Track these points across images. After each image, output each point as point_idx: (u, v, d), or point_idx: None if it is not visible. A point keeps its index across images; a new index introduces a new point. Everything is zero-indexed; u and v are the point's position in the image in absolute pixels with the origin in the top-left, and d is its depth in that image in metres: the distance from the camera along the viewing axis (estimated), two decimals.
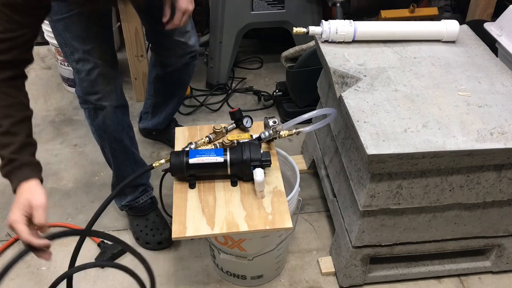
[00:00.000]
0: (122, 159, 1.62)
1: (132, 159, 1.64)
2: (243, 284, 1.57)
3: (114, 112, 1.50)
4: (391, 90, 1.35)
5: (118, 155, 1.61)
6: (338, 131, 1.53)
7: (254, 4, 2.26)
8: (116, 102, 1.49)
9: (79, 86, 1.47)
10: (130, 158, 1.63)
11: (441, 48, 1.54)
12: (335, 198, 1.59)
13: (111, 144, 1.57)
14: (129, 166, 1.64)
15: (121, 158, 1.62)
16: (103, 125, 1.51)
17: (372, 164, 1.20)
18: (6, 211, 1.83)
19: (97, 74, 1.43)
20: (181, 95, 1.94)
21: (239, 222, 1.23)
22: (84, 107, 1.52)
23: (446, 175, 1.27)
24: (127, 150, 1.61)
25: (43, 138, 2.18)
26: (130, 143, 1.62)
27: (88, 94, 1.46)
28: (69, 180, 1.97)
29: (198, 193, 1.31)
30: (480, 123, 1.25)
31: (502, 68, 1.47)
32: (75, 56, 1.42)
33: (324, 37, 1.52)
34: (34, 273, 1.61)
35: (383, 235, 1.41)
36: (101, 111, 1.48)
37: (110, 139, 1.56)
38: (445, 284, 1.58)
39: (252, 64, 2.71)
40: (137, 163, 1.66)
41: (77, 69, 1.44)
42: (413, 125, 1.24)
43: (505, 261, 1.57)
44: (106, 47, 1.45)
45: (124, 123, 1.57)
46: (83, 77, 1.43)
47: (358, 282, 1.54)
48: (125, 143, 1.58)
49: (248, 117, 1.47)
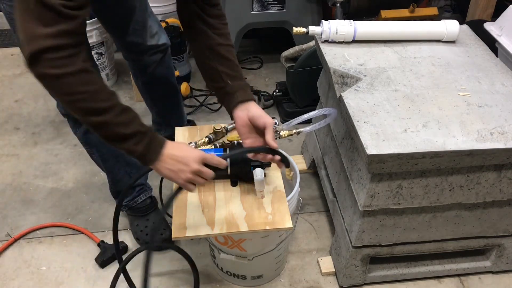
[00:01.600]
0: (113, 162, 1.60)
1: (123, 161, 1.61)
2: (243, 284, 1.57)
3: None
4: (391, 90, 1.35)
5: (108, 159, 1.59)
6: (338, 131, 1.53)
7: (254, 4, 2.26)
8: None
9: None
10: (121, 161, 1.60)
11: (441, 48, 1.54)
12: (335, 198, 1.59)
13: (98, 149, 1.55)
14: (122, 169, 1.62)
15: (112, 161, 1.59)
16: (88, 133, 1.49)
17: (372, 164, 1.20)
18: (6, 211, 1.83)
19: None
20: (176, 93, 1.90)
21: (239, 222, 1.23)
22: (67, 117, 1.49)
23: (446, 175, 1.27)
24: (115, 152, 1.56)
25: (43, 138, 2.18)
26: None
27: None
28: (69, 180, 1.97)
29: (198, 193, 1.31)
30: (480, 123, 1.25)
31: (502, 68, 1.47)
32: None
33: (324, 37, 1.52)
34: (34, 273, 1.61)
35: (383, 235, 1.41)
36: None
37: (96, 144, 1.53)
38: (445, 284, 1.58)
39: (252, 64, 2.71)
40: (130, 165, 1.63)
41: None
42: (413, 125, 1.24)
43: (505, 261, 1.57)
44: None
45: None
46: None
47: (358, 282, 1.54)
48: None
49: None
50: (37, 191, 1.92)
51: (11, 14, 1.21)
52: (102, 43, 2.38)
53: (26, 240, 1.72)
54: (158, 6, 2.46)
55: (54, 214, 1.82)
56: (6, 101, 2.43)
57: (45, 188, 1.93)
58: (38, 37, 0.91)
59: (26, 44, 0.92)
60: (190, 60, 2.64)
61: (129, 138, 1.05)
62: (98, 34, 2.32)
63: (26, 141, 2.17)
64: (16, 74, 2.63)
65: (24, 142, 2.16)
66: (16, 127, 2.26)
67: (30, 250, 1.69)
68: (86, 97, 0.99)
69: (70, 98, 0.98)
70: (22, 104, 2.41)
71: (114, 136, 1.04)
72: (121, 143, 1.05)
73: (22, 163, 2.05)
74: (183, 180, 1.10)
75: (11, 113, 2.35)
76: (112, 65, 2.51)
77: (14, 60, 2.74)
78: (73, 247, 1.71)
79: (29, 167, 2.03)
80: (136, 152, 1.07)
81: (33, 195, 1.90)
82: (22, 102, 2.42)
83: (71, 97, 0.98)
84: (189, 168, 1.09)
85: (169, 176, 1.11)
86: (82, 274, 1.62)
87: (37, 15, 0.90)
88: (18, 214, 1.82)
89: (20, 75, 2.62)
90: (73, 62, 0.95)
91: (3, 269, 1.62)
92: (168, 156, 1.10)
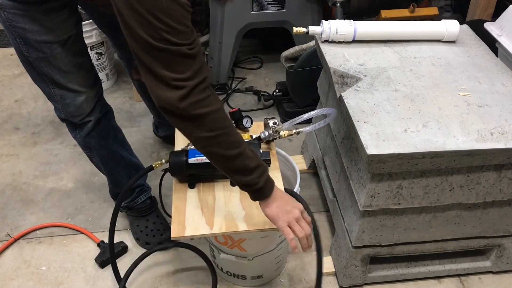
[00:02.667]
0: (113, 165, 1.60)
1: (123, 163, 1.61)
2: (243, 284, 1.57)
3: (98, 123, 1.47)
4: (391, 90, 1.35)
5: (108, 162, 1.59)
6: (338, 131, 1.53)
7: (254, 4, 2.26)
8: (100, 113, 1.47)
9: (62, 111, 1.43)
10: (121, 163, 1.61)
11: (441, 48, 1.54)
12: (335, 198, 1.59)
13: (98, 152, 1.55)
14: (122, 171, 1.62)
15: (112, 164, 1.60)
16: (87, 136, 1.49)
17: (372, 164, 1.19)
18: (6, 211, 1.83)
19: (84, 99, 1.40)
20: None
21: (238, 222, 1.23)
22: (66, 122, 1.49)
23: (446, 175, 1.27)
24: (115, 155, 1.58)
25: (43, 138, 2.18)
26: (120, 146, 1.59)
27: (73, 116, 1.44)
28: (69, 180, 1.97)
29: (197, 193, 1.31)
30: (480, 123, 1.25)
31: (502, 68, 1.47)
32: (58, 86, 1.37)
33: (324, 37, 1.51)
34: (34, 273, 1.61)
35: (383, 235, 1.41)
36: (86, 125, 1.46)
37: (96, 148, 1.53)
38: (445, 284, 1.58)
39: (252, 64, 2.71)
40: (130, 166, 1.63)
41: (61, 95, 1.39)
42: (413, 125, 1.23)
43: (505, 261, 1.57)
44: (90, 71, 1.42)
45: (109, 128, 1.54)
46: (69, 102, 1.40)
47: (358, 282, 1.54)
48: (112, 148, 1.56)
49: (248, 118, 1.47)
50: (37, 191, 1.92)
51: (12, 22, 1.22)
52: (102, 43, 2.37)
53: (26, 240, 1.72)
54: None
55: (54, 214, 1.82)
56: (6, 101, 2.43)
57: (45, 188, 1.93)
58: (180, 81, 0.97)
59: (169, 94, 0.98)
60: None
61: (254, 170, 1.10)
62: (98, 34, 2.32)
63: (26, 141, 2.16)
64: (16, 74, 2.63)
65: (24, 142, 2.16)
66: (16, 127, 2.26)
67: (30, 250, 1.69)
68: (227, 132, 1.05)
69: (214, 133, 1.04)
70: (22, 104, 2.41)
71: (243, 167, 1.09)
72: (246, 175, 1.10)
73: (22, 163, 2.05)
74: (287, 222, 1.14)
75: (11, 113, 2.35)
76: (112, 65, 2.51)
77: (14, 60, 2.74)
78: (73, 247, 1.71)
79: (29, 167, 2.03)
80: (258, 185, 1.11)
81: (33, 195, 1.90)
82: (22, 102, 2.42)
83: (215, 132, 1.04)
84: (294, 212, 1.14)
85: (274, 214, 1.15)
86: (82, 274, 1.62)
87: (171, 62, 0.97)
88: (18, 214, 1.82)
89: (20, 75, 2.62)
90: (216, 99, 1.03)
91: (3, 269, 1.62)
92: (279, 195, 1.15)
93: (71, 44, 1.32)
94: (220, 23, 2.28)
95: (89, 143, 1.52)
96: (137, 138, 2.16)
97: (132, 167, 1.63)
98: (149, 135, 2.20)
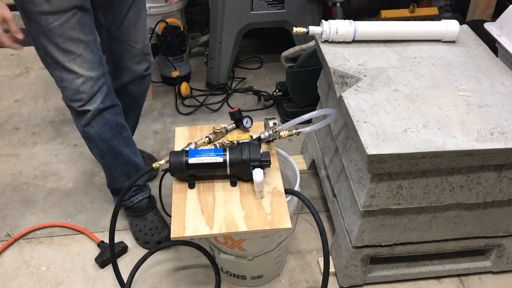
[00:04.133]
0: (111, 160, 1.59)
1: (122, 160, 1.60)
2: (243, 284, 1.57)
3: (100, 115, 1.47)
4: (391, 90, 1.35)
5: (106, 156, 1.58)
6: (338, 131, 1.53)
7: (254, 4, 2.26)
8: (102, 104, 1.45)
9: (63, 96, 1.44)
10: (120, 159, 1.59)
11: (441, 48, 1.54)
12: (335, 198, 1.59)
13: (97, 145, 1.55)
14: (120, 168, 1.61)
15: (110, 159, 1.59)
16: (87, 126, 1.49)
17: (372, 164, 1.19)
18: (6, 211, 1.83)
19: (81, 83, 1.39)
20: (139, 108, 1.87)
21: (238, 222, 1.23)
22: (69, 109, 1.49)
23: (446, 175, 1.27)
24: (115, 150, 1.57)
25: (43, 138, 2.18)
26: (123, 143, 1.58)
27: (71, 101, 1.44)
28: (69, 180, 1.97)
29: (197, 193, 1.31)
30: (480, 123, 1.25)
31: (502, 68, 1.47)
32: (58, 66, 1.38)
33: (324, 37, 1.51)
34: (34, 273, 1.61)
35: (383, 235, 1.41)
36: (86, 115, 1.46)
37: (96, 140, 1.53)
38: (445, 284, 1.58)
39: (252, 64, 2.71)
40: (129, 165, 1.62)
41: (60, 77, 1.40)
42: (413, 125, 1.23)
43: (505, 261, 1.57)
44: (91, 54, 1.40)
45: (112, 123, 1.52)
46: (67, 85, 1.40)
47: (358, 282, 1.54)
48: (112, 143, 1.54)
49: (248, 118, 1.47)
50: (37, 191, 1.92)
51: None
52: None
53: (26, 240, 1.72)
54: (158, 6, 2.46)
55: (54, 214, 1.82)
56: (6, 101, 2.43)
57: (45, 188, 1.93)
58: None
59: None
60: (190, 60, 2.64)
61: None
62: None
63: (26, 141, 2.17)
64: (16, 74, 2.63)
65: (23, 142, 2.16)
66: (16, 127, 2.26)
67: (30, 250, 1.69)
68: None
69: None
70: (22, 104, 2.41)
71: None
72: None
73: (22, 163, 2.05)
74: None
75: (11, 113, 2.35)
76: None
77: (14, 60, 2.74)
78: (73, 247, 1.71)
79: (29, 167, 2.03)
80: None
81: (33, 195, 1.90)
82: (22, 102, 2.42)
83: None
84: None
85: None
86: (82, 274, 1.62)
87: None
88: (18, 214, 1.82)
89: (20, 75, 2.62)
90: None
91: (3, 269, 1.62)
92: None
93: (70, 18, 1.30)
94: (220, 23, 2.28)
95: (88, 134, 1.51)
96: (137, 138, 2.16)
97: (131, 166, 1.63)
98: (149, 135, 2.20)
